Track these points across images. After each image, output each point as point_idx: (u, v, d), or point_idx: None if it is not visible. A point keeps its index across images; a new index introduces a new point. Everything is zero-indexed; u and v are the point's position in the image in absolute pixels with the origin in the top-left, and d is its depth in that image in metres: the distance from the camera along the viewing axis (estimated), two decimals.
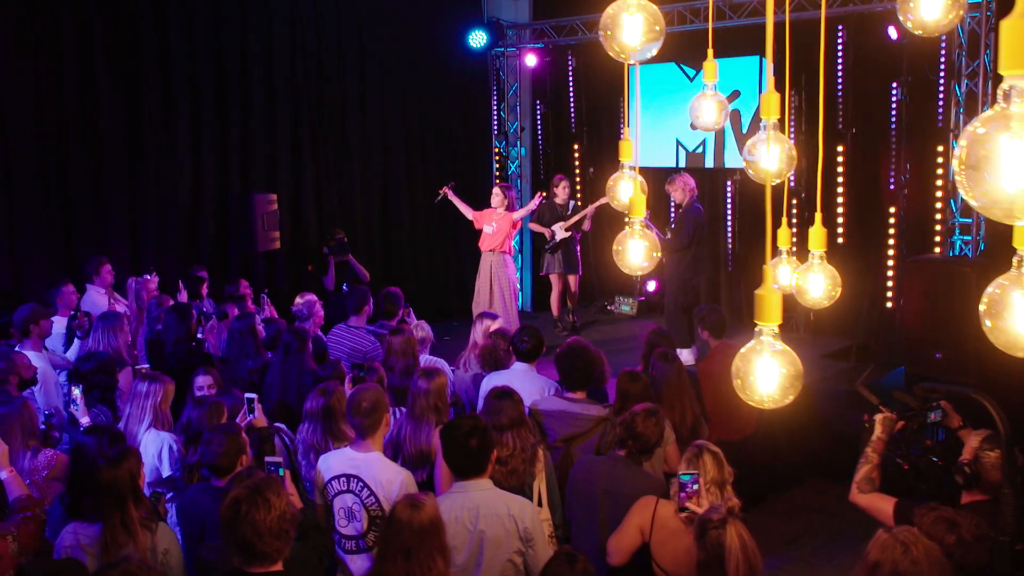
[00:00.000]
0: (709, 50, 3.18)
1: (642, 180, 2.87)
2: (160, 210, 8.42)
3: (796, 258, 3.62)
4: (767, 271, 1.88)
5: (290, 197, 9.30)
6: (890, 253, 8.56)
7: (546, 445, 4.34)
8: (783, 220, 3.26)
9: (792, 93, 8.55)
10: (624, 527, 3.68)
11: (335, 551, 3.82)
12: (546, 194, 9.25)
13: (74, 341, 6.02)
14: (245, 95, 8.97)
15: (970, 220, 7.67)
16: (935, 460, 3.28)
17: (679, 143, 9.93)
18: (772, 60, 2.35)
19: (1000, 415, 2.87)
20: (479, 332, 6.04)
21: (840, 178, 8.73)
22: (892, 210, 8.53)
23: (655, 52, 2.16)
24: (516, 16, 10.80)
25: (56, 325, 6.08)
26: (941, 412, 3.39)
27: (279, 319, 6.96)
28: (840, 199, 8.77)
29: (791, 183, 8.38)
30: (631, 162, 2.96)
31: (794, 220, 9.12)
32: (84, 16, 7.83)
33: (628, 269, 2.77)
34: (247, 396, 4.50)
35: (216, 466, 3.75)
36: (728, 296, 9.80)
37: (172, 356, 5.85)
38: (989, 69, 7.43)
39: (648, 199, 3.07)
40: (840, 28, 8.46)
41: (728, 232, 9.85)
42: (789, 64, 4.04)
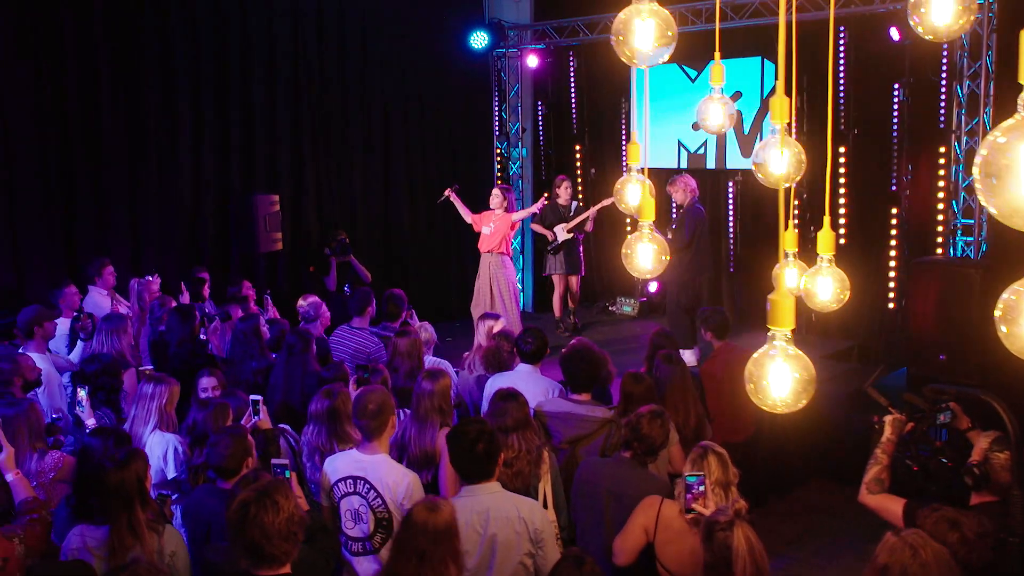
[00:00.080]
0: (716, 53, 3.17)
1: (650, 184, 2.87)
2: (161, 211, 8.42)
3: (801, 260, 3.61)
4: (779, 276, 1.88)
5: (291, 198, 9.29)
6: (892, 254, 8.56)
7: (551, 447, 4.34)
8: (789, 223, 3.26)
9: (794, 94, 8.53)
10: (629, 527, 3.69)
11: (341, 553, 3.82)
12: (549, 194, 9.25)
13: (77, 343, 6.02)
14: (246, 96, 8.96)
15: (972, 221, 7.67)
16: (944, 461, 3.29)
17: (681, 144, 9.93)
18: (783, 62, 2.35)
19: (1010, 417, 2.88)
20: (482, 333, 6.05)
21: (842, 179, 8.73)
22: (894, 211, 8.53)
23: (667, 57, 2.16)
24: (518, 17, 10.79)
25: (59, 327, 6.07)
26: (950, 414, 3.40)
27: (282, 320, 6.95)
28: (842, 200, 8.77)
29: (794, 185, 8.38)
30: (639, 165, 2.96)
31: (795, 222, 9.13)
32: (85, 16, 7.83)
33: (637, 272, 2.77)
34: (252, 398, 4.49)
35: (222, 468, 3.75)
36: (730, 297, 9.80)
37: (176, 357, 5.84)
38: (991, 70, 7.43)
39: None
40: (842, 29, 8.46)
41: (730, 233, 9.84)
42: (793, 65, 4.04)
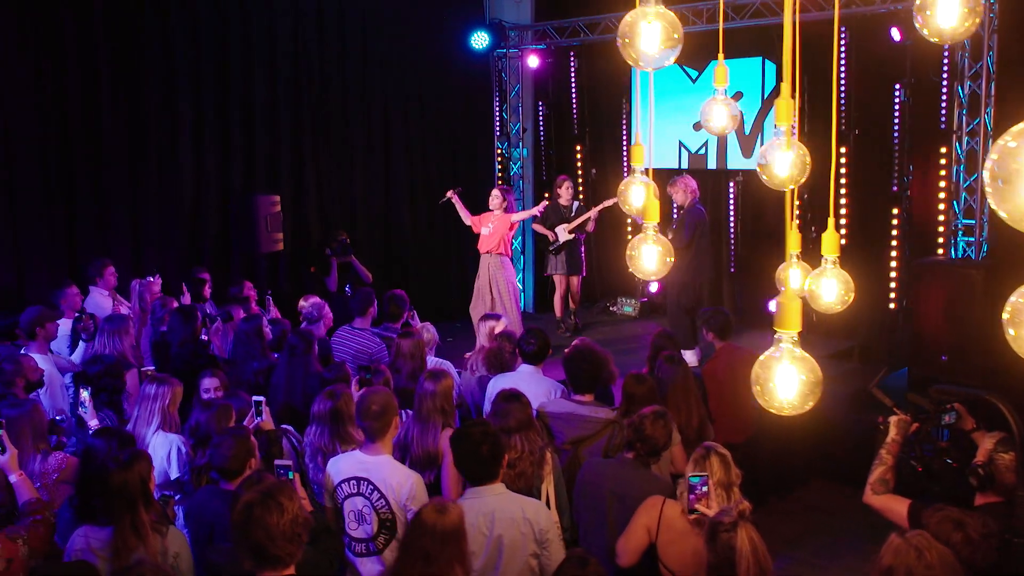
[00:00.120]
0: (720, 55, 3.17)
1: (655, 185, 2.87)
2: (162, 211, 8.42)
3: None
4: (787, 279, 1.88)
5: (292, 198, 9.29)
6: (893, 255, 8.56)
7: (554, 448, 4.35)
8: (793, 224, 3.26)
9: (795, 95, 8.52)
10: (631, 528, 3.69)
11: (345, 554, 3.82)
12: (549, 195, 9.24)
13: (79, 343, 6.01)
14: (247, 96, 8.96)
15: (973, 222, 7.67)
16: (949, 462, 3.30)
17: (682, 144, 9.92)
18: (789, 65, 2.35)
19: (1014, 417, 2.89)
20: (484, 334, 6.05)
21: (843, 180, 8.73)
22: (895, 211, 8.53)
23: (673, 59, 2.16)
24: (518, 17, 10.79)
25: (61, 327, 6.07)
26: (955, 414, 3.40)
27: (283, 320, 6.95)
28: (843, 201, 8.77)
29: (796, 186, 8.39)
30: (643, 167, 2.96)
31: (797, 223, 9.12)
32: (86, 16, 7.83)
33: (642, 274, 2.77)
34: (255, 399, 4.49)
35: (225, 469, 3.75)
36: (731, 297, 9.80)
37: (178, 358, 5.84)
38: (992, 71, 7.44)
39: None
40: (843, 30, 8.45)
41: (731, 233, 9.84)
42: (797, 67, 4.03)
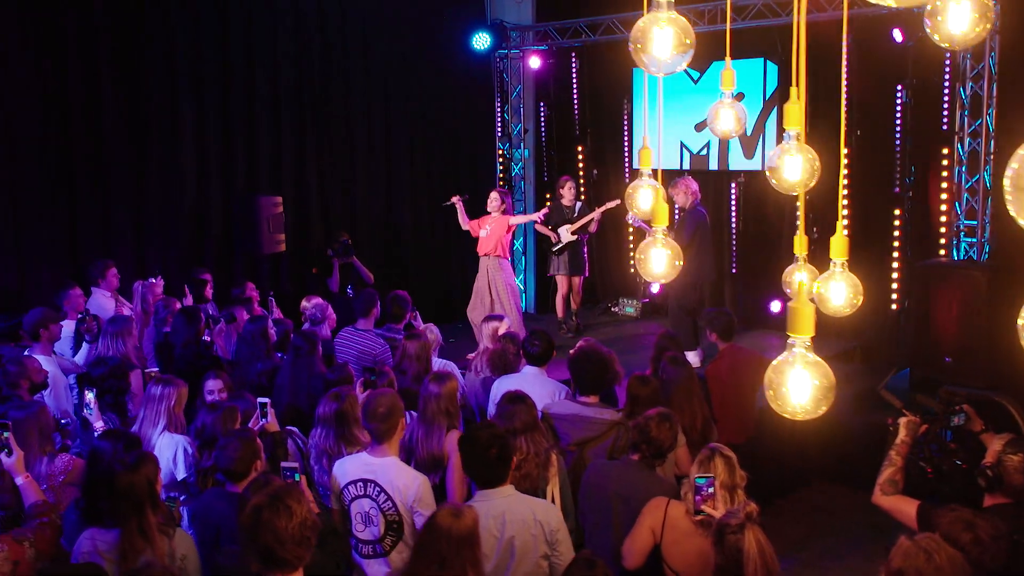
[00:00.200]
0: (727, 59, 3.18)
1: (663, 189, 2.88)
2: (164, 212, 8.42)
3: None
4: (800, 284, 1.89)
5: (294, 199, 9.29)
6: (895, 255, 8.57)
7: (559, 449, 4.35)
8: (800, 227, 3.27)
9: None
10: (636, 529, 3.70)
11: (351, 556, 3.82)
12: (551, 197, 9.23)
13: (83, 345, 6.02)
14: (249, 97, 8.96)
15: (975, 223, 7.68)
16: (959, 463, 3.31)
17: (683, 145, 9.92)
18: (796, 67, 2.36)
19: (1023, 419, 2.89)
20: (487, 335, 6.05)
21: (845, 181, 8.74)
22: (897, 212, 8.54)
23: (684, 65, 2.16)
24: (520, 18, 10.78)
25: (64, 329, 6.08)
26: (964, 416, 3.42)
27: (286, 320, 6.96)
28: (845, 202, 8.78)
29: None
30: (651, 170, 2.96)
31: (798, 223, 9.12)
32: (88, 17, 7.83)
33: (651, 278, 2.77)
34: (260, 400, 4.50)
35: (231, 471, 3.76)
36: (732, 298, 9.80)
37: (181, 359, 5.85)
38: (994, 72, 7.44)
39: None
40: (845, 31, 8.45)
41: (732, 234, 9.85)
42: (801, 68, 4.03)
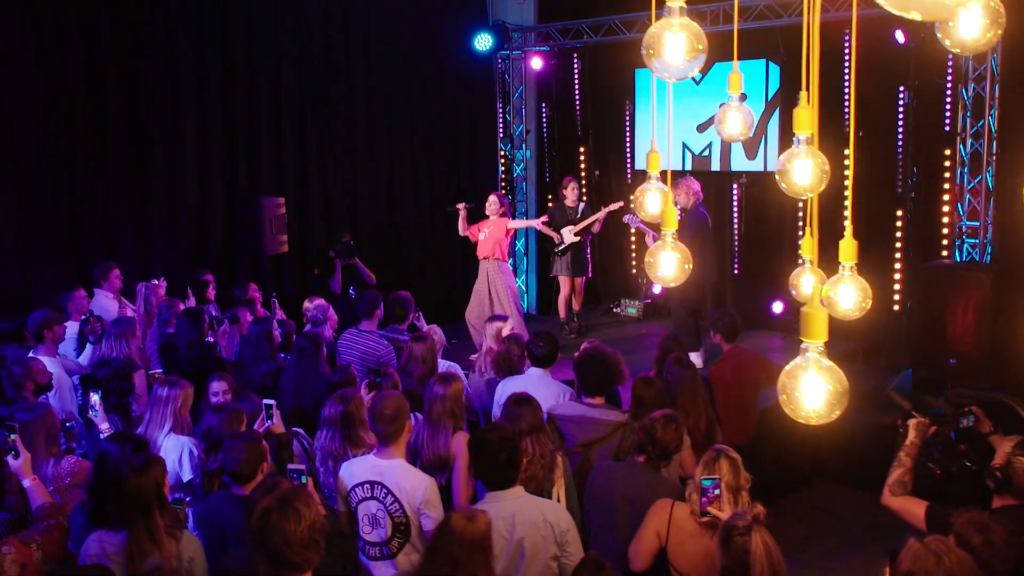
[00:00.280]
0: (734, 61, 3.18)
1: (671, 192, 2.88)
2: (167, 213, 8.44)
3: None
4: (813, 289, 1.89)
5: (296, 200, 9.29)
6: (897, 256, 8.57)
7: (565, 451, 4.36)
8: (807, 229, 3.26)
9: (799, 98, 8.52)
10: (642, 532, 3.70)
11: (358, 558, 3.83)
12: (552, 198, 9.23)
13: (87, 346, 6.02)
14: (252, 99, 8.97)
15: (977, 224, 7.68)
16: (968, 464, 3.31)
17: (685, 146, 9.93)
18: (807, 71, 2.36)
19: None
20: (490, 336, 6.03)
21: (847, 182, 8.75)
22: (899, 214, 8.54)
23: (697, 70, 2.17)
24: (521, 19, 10.78)
25: (68, 330, 6.08)
26: (973, 418, 3.43)
27: (289, 321, 6.96)
28: (847, 203, 8.78)
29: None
30: (658, 173, 2.97)
31: (799, 224, 9.13)
32: (91, 18, 7.84)
33: (662, 282, 2.78)
34: (265, 402, 4.50)
35: (237, 474, 3.76)
36: (734, 299, 9.81)
37: (185, 360, 5.84)
38: (996, 73, 7.44)
39: None
40: (846, 32, 8.47)
41: (735, 235, 9.85)
42: (814, 72, 4.03)
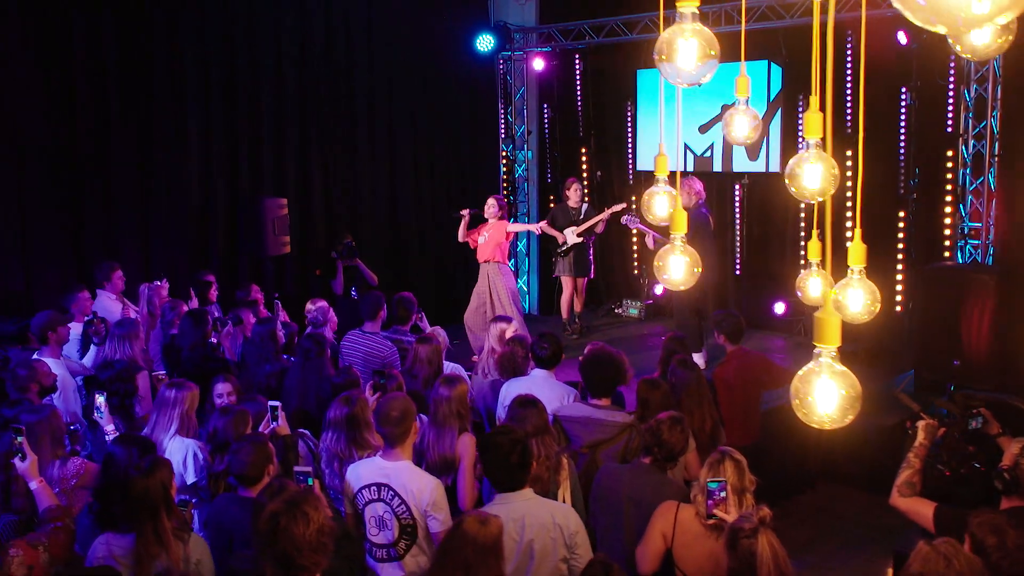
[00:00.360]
0: (741, 65, 3.18)
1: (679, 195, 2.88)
2: (170, 214, 8.42)
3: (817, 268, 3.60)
4: (827, 293, 1.89)
5: (298, 201, 9.29)
6: (899, 257, 8.58)
7: (570, 452, 4.36)
8: (814, 232, 3.27)
9: (801, 99, 8.56)
10: (648, 534, 3.71)
11: (365, 560, 3.83)
12: (554, 199, 9.23)
13: (90, 347, 6.02)
14: (254, 100, 8.96)
15: (979, 225, 7.69)
16: (977, 466, 3.32)
17: (687, 147, 9.92)
18: (816, 75, 2.36)
19: None
20: (494, 337, 6.03)
21: (849, 183, 8.76)
22: (901, 215, 8.55)
23: (709, 76, 2.17)
24: (523, 20, 10.78)
25: (71, 331, 6.07)
26: (981, 419, 3.43)
27: (292, 323, 6.96)
28: (849, 204, 8.79)
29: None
30: (666, 176, 2.97)
31: (801, 225, 9.14)
32: (95, 19, 7.83)
33: (671, 285, 2.78)
34: (271, 404, 4.50)
35: (244, 476, 3.76)
36: (736, 300, 9.81)
37: (188, 361, 5.84)
38: (998, 74, 7.45)
39: None
40: (849, 33, 8.47)
41: (737, 236, 9.86)
42: (828, 77, 4.03)
